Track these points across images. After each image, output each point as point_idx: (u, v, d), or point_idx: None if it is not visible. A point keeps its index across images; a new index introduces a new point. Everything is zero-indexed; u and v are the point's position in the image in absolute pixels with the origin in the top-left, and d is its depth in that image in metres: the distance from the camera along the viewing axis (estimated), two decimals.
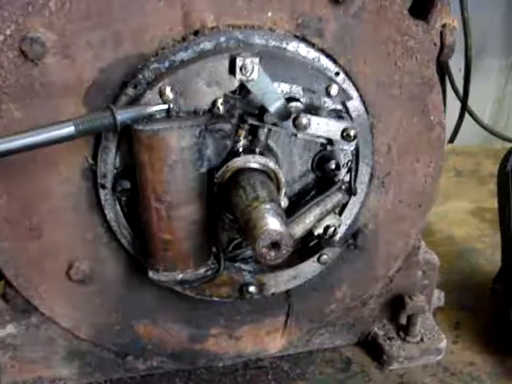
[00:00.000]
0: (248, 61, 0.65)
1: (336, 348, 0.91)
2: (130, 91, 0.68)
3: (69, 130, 0.61)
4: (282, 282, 0.78)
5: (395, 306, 0.90)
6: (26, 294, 0.77)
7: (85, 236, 0.75)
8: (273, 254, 0.61)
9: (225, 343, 0.85)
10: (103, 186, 0.72)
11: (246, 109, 0.69)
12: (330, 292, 0.85)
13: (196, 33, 0.69)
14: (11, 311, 0.79)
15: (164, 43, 0.69)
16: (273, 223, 0.60)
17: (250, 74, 0.66)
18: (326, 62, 0.72)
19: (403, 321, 0.90)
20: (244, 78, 0.66)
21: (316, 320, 0.87)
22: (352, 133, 0.71)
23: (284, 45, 0.71)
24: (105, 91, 0.69)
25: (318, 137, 0.72)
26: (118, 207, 0.73)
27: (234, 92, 0.68)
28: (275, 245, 0.60)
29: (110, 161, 0.71)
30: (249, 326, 0.85)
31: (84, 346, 0.83)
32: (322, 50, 0.72)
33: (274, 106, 0.68)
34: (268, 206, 0.62)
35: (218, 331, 0.84)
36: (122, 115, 0.63)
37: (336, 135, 0.72)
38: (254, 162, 0.69)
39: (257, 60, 0.65)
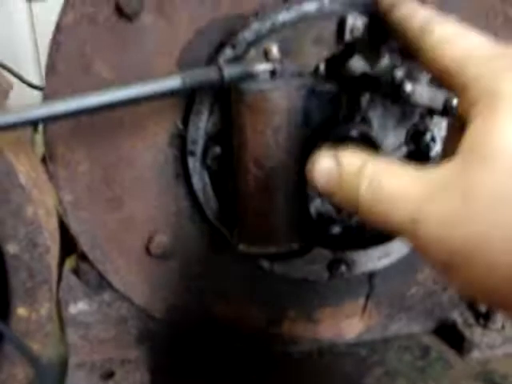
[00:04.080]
0: (358, 21, 0.62)
1: (412, 335, 0.87)
2: (228, 52, 0.65)
3: (176, 82, 0.58)
4: (372, 260, 0.74)
5: None
6: (101, 268, 0.73)
7: (168, 207, 0.72)
8: None
9: (302, 327, 0.81)
10: (192, 153, 0.69)
11: (348, 73, 0.66)
12: (413, 274, 0.82)
13: None
14: (84, 287, 0.75)
15: (264, 3, 0.66)
16: None
17: (359, 35, 0.63)
18: None
19: (482, 308, 0.87)
20: (352, 39, 0.63)
21: (396, 304, 0.83)
22: (455, 103, 0.68)
23: None
24: (200, 52, 0.66)
25: (420, 106, 0.69)
26: (207, 176, 0.70)
27: (338, 54, 0.65)
28: None
29: (202, 125, 0.67)
30: (327, 309, 0.81)
31: (157, 327, 0.79)
32: None
33: (380, 69, 0.65)
34: None
35: (295, 313, 0.80)
36: (229, 71, 0.59)
37: (438, 106, 0.69)
38: (355, 130, 0.66)
39: (367, 20, 0.62)
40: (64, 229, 0.73)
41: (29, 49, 1.34)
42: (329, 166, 0.49)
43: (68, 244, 0.78)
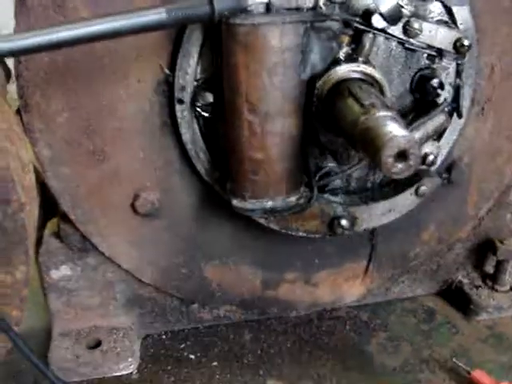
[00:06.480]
0: None
1: (416, 297, 0.83)
2: None
3: (160, 15, 0.52)
4: (375, 215, 0.69)
5: (482, 251, 0.82)
6: (84, 229, 0.68)
7: (155, 161, 0.66)
8: (400, 165, 0.52)
9: (300, 290, 0.77)
10: (180, 101, 0.63)
11: (350, 10, 0.60)
12: (417, 233, 0.77)
13: None
14: (66, 250, 0.70)
15: None
16: (398, 130, 0.52)
17: None
18: None
19: (490, 268, 0.83)
20: None
21: (399, 265, 0.79)
22: (466, 43, 0.63)
23: None
24: None
25: (428, 47, 0.63)
26: (196, 126, 0.64)
27: None
28: (402, 155, 0.51)
29: (191, 70, 0.62)
30: (327, 271, 0.76)
31: (145, 292, 0.74)
32: None
33: (386, 6, 0.60)
34: (389, 113, 0.54)
35: (293, 276, 0.76)
36: (221, 4, 0.53)
37: (448, 46, 0.64)
38: (359, 71, 0.61)
39: None
40: (45, 189, 0.68)
41: None
42: None
43: (50, 206, 0.72)
